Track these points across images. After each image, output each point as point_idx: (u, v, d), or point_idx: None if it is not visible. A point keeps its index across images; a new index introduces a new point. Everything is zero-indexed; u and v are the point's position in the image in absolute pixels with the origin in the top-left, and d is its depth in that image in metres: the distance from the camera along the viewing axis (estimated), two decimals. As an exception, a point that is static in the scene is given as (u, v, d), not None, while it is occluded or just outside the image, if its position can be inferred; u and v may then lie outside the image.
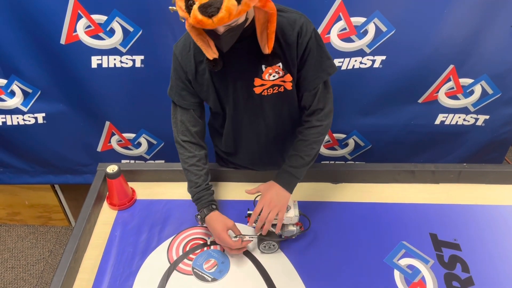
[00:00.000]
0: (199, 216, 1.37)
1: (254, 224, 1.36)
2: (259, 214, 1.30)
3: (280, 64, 1.22)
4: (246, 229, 1.42)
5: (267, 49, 1.14)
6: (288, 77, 1.25)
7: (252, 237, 1.36)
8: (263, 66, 1.22)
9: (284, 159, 1.50)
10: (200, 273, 1.31)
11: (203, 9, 0.92)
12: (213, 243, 1.41)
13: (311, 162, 1.37)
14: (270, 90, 1.28)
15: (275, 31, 1.11)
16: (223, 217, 1.35)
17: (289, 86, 1.28)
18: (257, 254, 1.37)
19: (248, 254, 1.37)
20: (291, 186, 1.34)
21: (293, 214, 1.31)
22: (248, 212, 1.38)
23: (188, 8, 0.95)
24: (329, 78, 1.29)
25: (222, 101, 1.33)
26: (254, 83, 1.25)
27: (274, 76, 1.24)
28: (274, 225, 1.34)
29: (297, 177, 1.34)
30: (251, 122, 1.38)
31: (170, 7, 1.05)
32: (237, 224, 1.41)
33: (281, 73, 1.24)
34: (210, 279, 1.30)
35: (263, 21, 1.09)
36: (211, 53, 1.12)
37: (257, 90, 1.27)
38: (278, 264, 1.34)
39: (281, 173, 1.35)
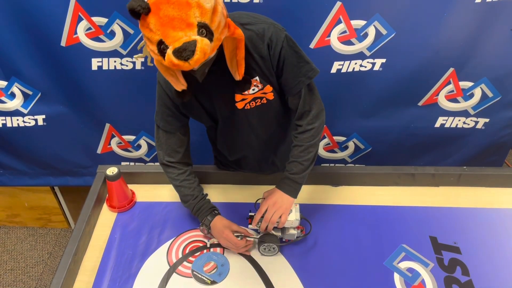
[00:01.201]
0: (204, 225, 1.37)
1: (255, 226, 1.36)
2: (263, 216, 1.31)
3: (257, 77, 1.21)
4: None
5: (237, 76, 1.13)
6: (268, 88, 1.24)
7: (253, 239, 1.36)
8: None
9: (280, 160, 1.51)
10: (200, 276, 1.31)
11: (178, 53, 0.90)
12: (213, 245, 1.41)
13: (311, 165, 1.35)
14: (252, 104, 1.27)
15: (246, 45, 1.11)
16: (226, 220, 1.37)
17: (270, 96, 1.27)
18: (257, 257, 1.37)
19: (247, 256, 1.37)
20: (294, 192, 1.34)
21: (294, 217, 1.31)
22: (250, 214, 1.38)
23: (161, 51, 0.94)
24: (313, 81, 1.27)
25: (213, 116, 1.35)
26: (235, 98, 1.25)
27: (254, 89, 1.23)
28: (275, 228, 1.34)
29: (299, 182, 1.34)
30: (241, 135, 1.39)
31: (135, 56, 1.04)
32: (251, 231, 1.43)
33: (260, 86, 1.23)
34: (209, 281, 1.30)
35: (232, 49, 1.08)
36: (180, 86, 1.09)
37: (239, 105, 1.27)
38: (278, 267, 1.34)
39: (283, 181, 1.35)
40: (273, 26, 1.17)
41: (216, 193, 1.58)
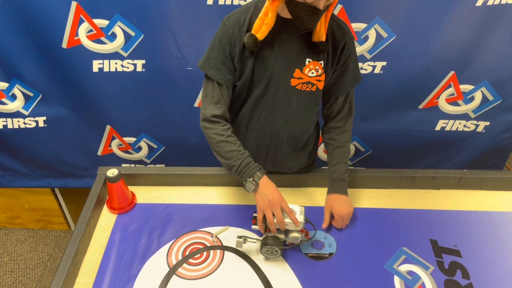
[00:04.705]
0: (253, 182, 1.27)
1: (257, 227, 1.33)
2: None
3: (322, 62, 1.28)
4: (249, 233, 1.42)
5: (323, 36, 1.21)
6: (323, 77, 1.31)
7: (255, 241, 1.35)
8: (308, 60, 1.27)
9: (285, 163, 1.53)
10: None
11: None
12: (214, 247, 1.40)
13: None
14: (304, 86, 1.31)
15: (326, 33, 1.22)
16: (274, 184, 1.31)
17: (321, 86, 1.33)
18: (256, 258, 1.36)
19: (248, 259, 1.36)
20: (346, 189, 1.46)
21: (298, 220, 1.29)
22: (254, 214, 1.35)
23: None
24: None
25: (253, 83, 1.32)
26: (294, 74, 1.28)
27: (312, 73, 1.29)
28: (280, 230, 1.32)
29: (347, 180, 1.47)
30: (272, 113, 1.38)
31: None
32: (241, 229, 1.43)
33: (320, 71, 1.29)
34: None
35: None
36: (263, 33, 1.18)
37: (293, 82, 1.30)
38: (277, 268, 1.33)
39: (337, 183, 1.46)
40: (349, 28, 1.30)
41: (220, 195, 1.58)
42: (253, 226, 1.36)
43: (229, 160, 1.30)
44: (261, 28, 1.18)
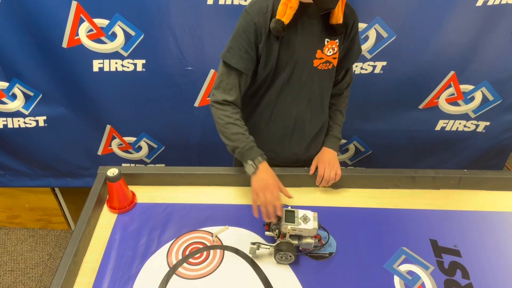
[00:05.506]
0: (253, 164, 1.32)
1: (270, 234, 1.33)
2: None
3: (338, 40, 1.35)
4: (251, 233, 1.42)
5: (341, 19, 1.28)
6: (337, 54, 1.39)
7: (268, 247, 1.34)
8: (326, 40, 1.33)
9: (307, 144, 1.59)
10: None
11: None
12: (214, 247, 1.40)
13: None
14: (323, 65, 1.38)
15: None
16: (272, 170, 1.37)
17: (335, 63, 1.41)
18: (257, 259, 1.36)
19: (248, 259, 1.36)
20: (337, 147, 1.60)
21: (312, 226, 1.29)
22: (267, 221, 1.36)
23: None
24: None
25: (278, 69, 1.36)
26: (316, 55, 1.35)
27: (330, 51, 1.36)
28: (292, 236, 1.31)
29: (340, 139, 1.62)
30: (297, 96, 1.43)
31: None
32: (252, 233, 1.42)
33: (335, 49, 1.36)
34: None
35: None
36: (289, 17, 1.24)
37: (316, 63, 1.36)
38: (277, 268, 1.33)
39: (329, 139, 1.59)
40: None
41: (220, 195, 1.58)
42: (267, 233, 1.35)
43: (234, 142, 1.34)
44: (286, 12, 1.22)
